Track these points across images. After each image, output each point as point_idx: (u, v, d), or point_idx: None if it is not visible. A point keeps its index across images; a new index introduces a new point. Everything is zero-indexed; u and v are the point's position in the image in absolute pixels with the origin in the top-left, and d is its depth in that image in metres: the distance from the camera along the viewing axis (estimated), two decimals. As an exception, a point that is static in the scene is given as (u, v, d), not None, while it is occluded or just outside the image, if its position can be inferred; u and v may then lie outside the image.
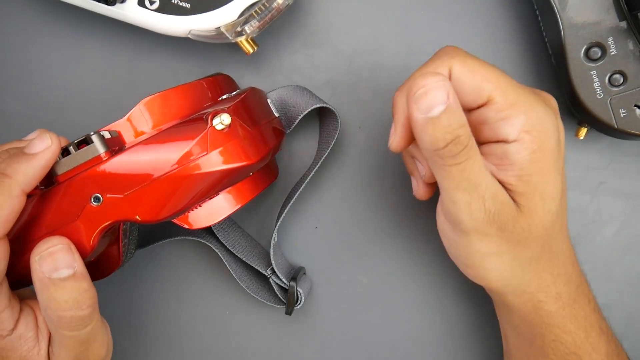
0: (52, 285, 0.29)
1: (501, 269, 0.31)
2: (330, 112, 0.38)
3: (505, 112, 0.28)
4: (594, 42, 0.34)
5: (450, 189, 0.28)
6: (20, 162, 0.29)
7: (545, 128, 0.28)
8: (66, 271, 0.29)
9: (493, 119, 0.28)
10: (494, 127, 0.28)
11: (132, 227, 0.36)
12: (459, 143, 0.26)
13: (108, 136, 0.31)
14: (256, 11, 0.35)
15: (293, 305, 0.38)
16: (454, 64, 0.28)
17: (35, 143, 0.30)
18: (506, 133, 0.28)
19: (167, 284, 0.43)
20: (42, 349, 0.31)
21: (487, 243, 0.29)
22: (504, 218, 0.28)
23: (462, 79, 0.28)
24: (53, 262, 0.29)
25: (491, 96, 0.28)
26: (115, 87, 0.42)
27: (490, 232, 0.29)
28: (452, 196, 0.28)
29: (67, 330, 0.30)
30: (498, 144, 0.28)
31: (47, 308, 0.30)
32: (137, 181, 0.30)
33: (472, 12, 0.39)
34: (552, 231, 0.30)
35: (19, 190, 0.29)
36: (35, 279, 0.30)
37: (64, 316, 0.30)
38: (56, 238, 0.30)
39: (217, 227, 0.39)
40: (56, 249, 0.30)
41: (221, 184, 0.31)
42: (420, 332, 0.41)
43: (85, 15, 0.39)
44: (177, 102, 0.33)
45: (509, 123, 0.28)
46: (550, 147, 0.28)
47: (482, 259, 0.30)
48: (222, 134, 0.31)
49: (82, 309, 0.30)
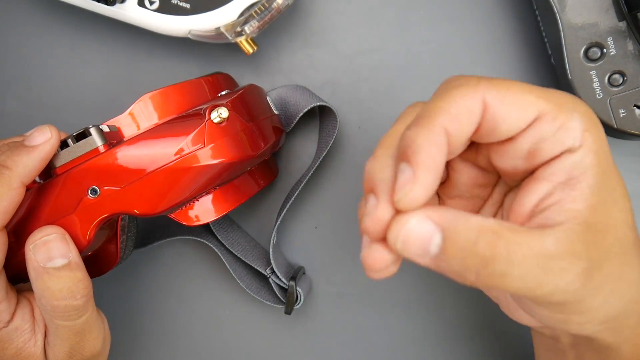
0: (47, 275, 0.29)
1: (624, 300, 0.24)
2: (329, 111, 0.38)
3: (560, 118, 0.23)
4: (594, 42, 0.34)
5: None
6: (20, 155, 0.30)
7: (597, 122, 0.24)
8: (60, 260, 0.30)
9: (550, 130, 0.23)
10: (557, 139, 0.23)
11: (130, 223, 0.36)
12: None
13: (107, 130, 0.31)
14: (256, 11, 0.35)
15: (292, 305, 0.38)
16: (486, 91, 0.23)
17: (35, 135, 0.30)
18: (571, 140, 0.23)
19: (167, 283, 0.43)
20: (38, 340, 0.31)
21: (601, 279, 0.23)
22: (592, 249, 0.23)
23: (504, 101, 0.23)
24: (47, 251, 0.30)
25: (540, 106, 0.23)
26: (115, 87, 0.42)
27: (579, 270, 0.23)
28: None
29: (61, 320, 0.30)
30: (563, 157, 0.23)
31: (41, 297, 0.30)
32: (134, 174, 0.30)
33: (471, 13, 0.39)
34: (637, 234, 0.25)
35: (19, 182, 0.29)
36: (29, 268, 0.30)
37: (58, 305, 0.30)
38: (50, 227, 0.30)
39: (217, 227, 0.39)
40: (50, 238, 0.30)
41: (219, 177, 0.31)
42: (420, 332, 0.41)
43: (85, 15, 0.39)
44: (176, 98, 0.33)
45: (569, 128, 0.23)
46: (606, 141, 0.24)
47: (606, 302, 0.24)
48: (220, 128, 0.31)
49: (76, 299, 0.30)
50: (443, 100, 0.23)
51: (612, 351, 0.26)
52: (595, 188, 0.23)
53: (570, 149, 0.23)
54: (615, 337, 0.26)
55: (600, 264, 0.23)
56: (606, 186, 0.24)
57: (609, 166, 0.24)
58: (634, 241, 0.25)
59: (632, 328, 0.25)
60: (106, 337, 0.34)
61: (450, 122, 0.23)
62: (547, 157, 0.24)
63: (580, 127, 0.23)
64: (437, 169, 0.22)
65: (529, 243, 0.22)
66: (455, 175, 0.28)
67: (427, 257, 0.23)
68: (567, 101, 0.24)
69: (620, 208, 0.24)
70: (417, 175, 0.22)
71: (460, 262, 0.22)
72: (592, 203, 0.23)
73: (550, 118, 0.23)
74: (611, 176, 0.24)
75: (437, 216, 0.22)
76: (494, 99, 0.23)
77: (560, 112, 0.23)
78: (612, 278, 0.23)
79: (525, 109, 0.23)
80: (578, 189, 0.23)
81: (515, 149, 0.24)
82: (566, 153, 0.23)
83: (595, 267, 0.23)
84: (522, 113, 0.23)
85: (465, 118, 0.23)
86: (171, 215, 0.33)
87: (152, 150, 0.30)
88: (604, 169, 0.24)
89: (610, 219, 0.24)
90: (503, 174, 0.27)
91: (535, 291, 0.22)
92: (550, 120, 0.23)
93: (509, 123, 0.23)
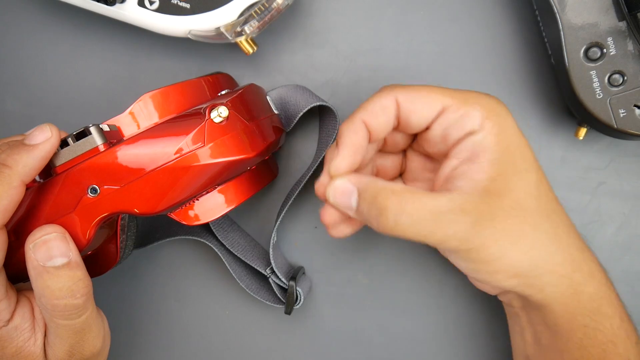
0: (46, 274, 0.30)
1: (528, 255, 0.29)
2: (329, 111, 0.38)
3: (462, 109, 0.30)
4: (594, 43, 0.34)
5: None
6: (21, 153, 0.30)
7: (499, 112, 0.30)
8: (60, 259, 0.30)
9: (454, 119, 0.30)
10: (459, 125, 0.30)
11: (130, 223, 0.36)
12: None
13: (107, 129, 0.31)
14: (256, 11, 0.35)
15: (292, 305, 0.38)
16: (398, 93, 0.31)
17: (35, 134, 0.30)
18: (471, 125, 0.30)
19: (167, 283, 0.43)
20: (38, 339, 0.31)
21: (495, 232, 0.29)
22: (482, 207, 0.29)
23: (413, 100, 0.31)
24: (47, 250, 0.30)
25: (444, 102, 0.30)
26: (115, 87, 0.42)
27: (484, 220, 0.29)
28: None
29: (61, 319, 0.30)
30: (466, 139, 0.30)
31: (41, 296, 0.30)
32: (134, 172, 0.30)
33: (471, 13, 0.39)
34: (546, 203, 0.31)
35: (19, 180, 0.30)
36: (29, 267, 0.30)
37: (58, 304, 0.30)
38: (50, 226, 0.30)
39: (217, 227, 0.39)
40: (50, 237, 0.30)
41: (219, 176, 0.31)
42: (420, 332, 0.41)
43: (85, 15, 0.39)
44: (177, 98, 0.33)
45: (470, 116, 0.30)
46: (511, 126, 0.30)
47: (505, 253, 0.29)
48: (220, 127, 0.31)
49: (76, 298, 0.30)
50: (366, 102, 0.32)
51: (546, 309, 0.31)
52: (495, 162, 0.29)
53: (471, 132, 0.30)
54: (540, 294, 0.31)
55: (492, 219, 0.29)
56: (506, 160, 0.29)
57: (512, 145, 0.30)
58: (538, 208, 0.30)
59: (554, 286, 0.30)
60: (106, 336, 0.34)
61: (367, 116, 0.31)
62: (455, 139, 0.30)
63: (480, 115, 0.30)
64: (356, 149, 0.31)
65: (423, 200, 0.28)
66: (410, 163, 0.36)
67: (352, 210, 0.30)
68: (472, 96, 0.30)
69: (521, 178, 0.30)
70: (340, 152, 0.31)
71: (368, 212, 0.29)
72: (491, 174, 0.29)
73: (454, 109, 0.30)
74: (514, 153, 0.30)
75: (355, 179, 0.30)
76: (404, 98, 0.31)
77: (463, 104, 0.30)
78: (509, 233, 0.29)
79: (430, 103, 0.30)
80: (478, 162, 0.29)
81: (433, 136, 0.31)
82: (469, 135, 0.30)
83: (485, 220, 0.28)
84: (428, 107, 0.31)
85: (380, 113, 0.31)
86: (171, 214, 0.33)
87: (151, 149, 0.30)
88: (504, 147, 0.30)
89: (508, 186, 0.29)
90: (436, 158, 0.33)
91: (429, 238, 0.28)
92: (454, 111, 0.30)
93: (419, 115, 0.31)
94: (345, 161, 0.31)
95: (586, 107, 0.35)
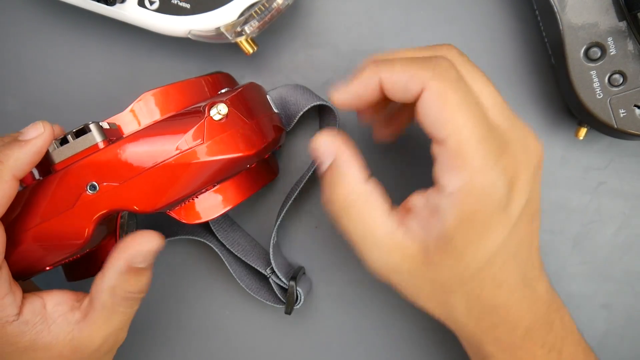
0: (132, 271, 0.32)
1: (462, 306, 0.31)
2: (329, 111, 0.38)
3: (455, 162, 0.27)
4: (594, 42, 0.34)
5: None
6: (12, 148, 0.30)
7: (489, 194, 0.27)
8: (142, 263, 0.32)
9: (441, 160, 0.28)
10: (439, 168, 0.28)
11: (130, 221, 0.36)
12: None
13: (107, 127, 0.31)
14: (256, 11, 0.35)
15: (293, 305, 0.38)
16: (379, 70, 0.30)
17: (28, 130, 0.31)
18: (446, 182, 0.28)
19: (167, 283, 0.43)
20: (52, 331, 0.32)
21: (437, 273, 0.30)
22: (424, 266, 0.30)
23: (391, 71, 0.29)
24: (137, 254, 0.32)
25: (448, 139, 0.27)
26: (115, 87, 0.42)
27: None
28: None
29: (125, 307, 0.33)
30: (434, 189, 0.28)
31: (116, 287, 0.32)
32: (133, 169, 0.30)
33: (471, 12, 0.39)
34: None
35: (10, 175, 0.30)
36: (114, 260, 0.31)
37: (130, 297, 0.32)
38: (147, 233, 0.32)
39: (217, 226, 0.39)
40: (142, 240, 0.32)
41: (218, 174, 0.31)
42: (420, 332, 0.41)
43: (85, 15, 0.39)
44: (177, 97, 0.33)
45: (453, 174, 0.27)
46: (454, 79, 0.28)
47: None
48: (219, 124, 0.31)
49: (142, 292, 0.33)
50: (415, 50, 0.32)
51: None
52: (441, 240, 0.29)
53: (442, 189, 0.28)
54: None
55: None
56: (455, 245, 0.28)
57: (476, 231, 0.28)
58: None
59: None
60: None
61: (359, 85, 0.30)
62: (414, 92, 0.28)
63: (459, 185, 0.27)
64: (354, 93, 0.31)
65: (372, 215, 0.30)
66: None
67: (320, 167, 0.31)
68: (482, 162, 0.27)
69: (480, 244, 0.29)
70: (344, 88, 0.31)
71: (327, 182, 0.31)
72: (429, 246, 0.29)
73: (447, 152, 0.27)
74: (473, 239, 0.28)
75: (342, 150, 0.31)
76: (385, 72, 0.29)
77: (460, 159, 0.27)
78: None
79: (440, 125, 0.28)
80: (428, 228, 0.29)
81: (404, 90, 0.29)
82: (423, 91, 0.28)
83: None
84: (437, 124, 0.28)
85: (369, 83, 0.30)
86: (170, 213, 0.33)
87: (151, 146, 0.30)
88: (465, 231, 0.28)
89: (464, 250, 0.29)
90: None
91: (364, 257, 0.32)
92: (446, 152, 0.27)
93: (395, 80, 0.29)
94: (343, 96, 0.31)
95: (586, 107, 0.35)
